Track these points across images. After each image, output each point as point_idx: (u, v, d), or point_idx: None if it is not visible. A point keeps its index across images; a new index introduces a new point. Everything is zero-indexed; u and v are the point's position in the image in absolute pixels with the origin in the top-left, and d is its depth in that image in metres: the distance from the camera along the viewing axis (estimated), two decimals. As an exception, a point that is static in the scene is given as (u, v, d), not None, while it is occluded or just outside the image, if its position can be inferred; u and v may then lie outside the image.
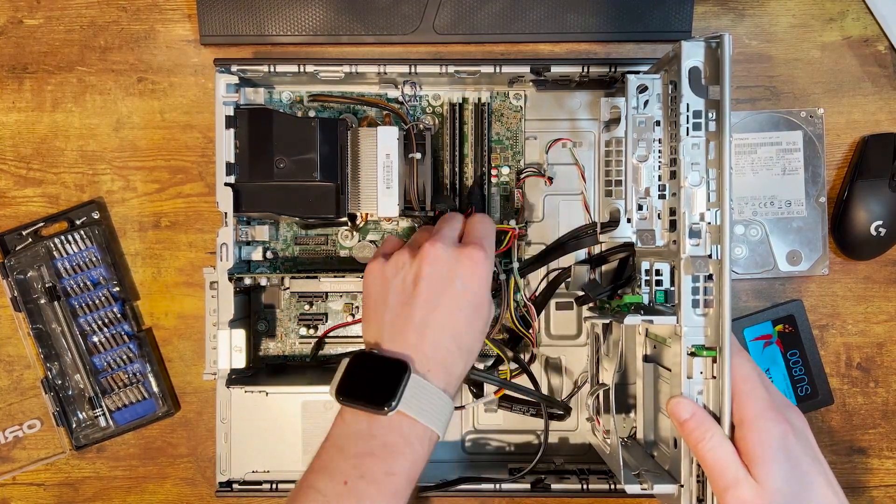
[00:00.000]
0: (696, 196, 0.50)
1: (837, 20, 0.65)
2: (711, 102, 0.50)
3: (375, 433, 0.47)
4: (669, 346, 0.54)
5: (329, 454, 0.48)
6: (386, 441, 0.47)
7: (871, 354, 0.65)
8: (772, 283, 0.65)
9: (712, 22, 0.65)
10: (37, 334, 0.63)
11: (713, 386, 0.49)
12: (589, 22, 0.63)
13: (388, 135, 0.59)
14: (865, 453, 0.66)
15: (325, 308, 0.65)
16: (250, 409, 0.59)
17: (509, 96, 0.64)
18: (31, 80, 0.65)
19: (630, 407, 0.62)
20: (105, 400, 0.64)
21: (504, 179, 0.64)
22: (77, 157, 0.65)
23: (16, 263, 0.63)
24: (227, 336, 0.59)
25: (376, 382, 0.48)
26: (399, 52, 0.65)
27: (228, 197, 0.58)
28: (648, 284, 0.54)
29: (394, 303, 0.50)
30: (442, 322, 0.49)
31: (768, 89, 0.65)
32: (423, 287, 0.49)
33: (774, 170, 0.64)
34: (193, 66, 0.65)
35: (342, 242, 0.65)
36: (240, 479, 0.59)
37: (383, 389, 0.47)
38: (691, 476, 0.50)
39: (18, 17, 0.65)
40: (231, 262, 0.59)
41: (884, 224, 0.63)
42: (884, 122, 0.65)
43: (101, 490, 0.66)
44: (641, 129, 0.54)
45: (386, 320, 0.50)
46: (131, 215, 0.66)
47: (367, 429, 0.47)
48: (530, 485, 0.60)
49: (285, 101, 0.64)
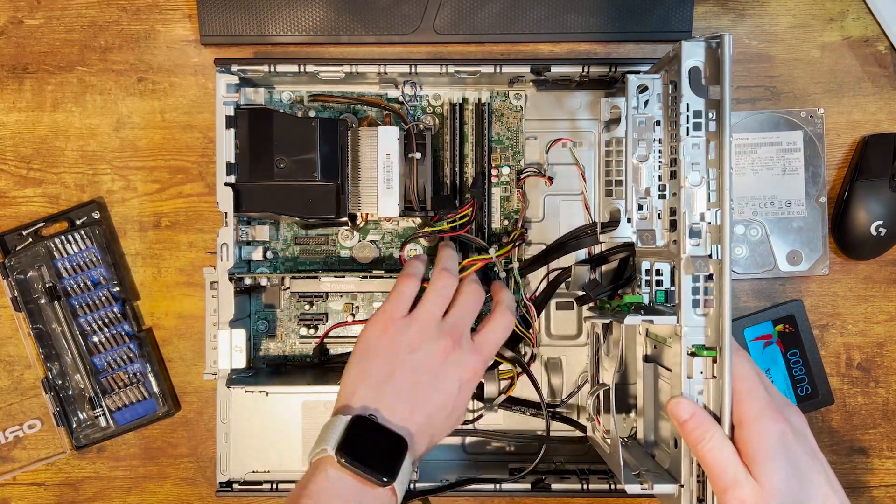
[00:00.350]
0: (696, 196, 0.50)
1: (837, 20, 0.65)
2: (712, 102, 0.50)
3: (361, 500, 0.47)
4: (670, 346, 0.54)
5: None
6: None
7: (871, 354, 0.65)
8: (772, 283, 0.65)
9: (712, 22, 0.65)
10: (37, 334, 0.63)
11: (713, 386, 0.49)
12: (589, 22, 0.63)
13: (388, 135, 0.59)
14: (866, 453, 0.66)
15: (325, 308, 0.65)
16: (250, 409, 0.59)
17: (509, 96, 0.64)
18: (31, 80, 0.65)
19: (630, 407, 0.62)
20: (105, 400, 0.64)
21: (504, 179, 0.64)
22: (77, 157, 0.66)
23: (16, 263, 0.63)
24: (228, 336, 0.59)
25: (378, 453, 0.48)
26: (399, 52, 0.65)
27: (229, 197, 0.58)
28: (648, 284, 0.54)
29: (401, 378, 0.51)
30: (434, 414, 0.51)
31: (768, 89, 0.65)
32: (428, 378, 0.51)
33: (774, 170, 0.64)
34: (194, 66, 0.65)
35: (342, 242, 0.65)
36: (240, 479, 0.59)
37: (385, 462, 0.48)
38: (691, 476, 0.50)
39: (19, 17, 0.65)
40: (231, 262, 0.59)
41: (884, 224, 0.63)
42: (884, 122, 0.65)
43: (102, 490, 0.66)
44: (642, 129, 0.54)
45: (387, 390, 0.51)
46: (131, 215, 0.66)
47: (353, 494, 0.47)
48: (530, 485, 0.60)
49: (285, 101, 0.64)
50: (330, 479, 0.48)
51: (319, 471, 0.48)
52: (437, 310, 0.53)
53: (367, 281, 0.60)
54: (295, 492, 0.49)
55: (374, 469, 0.47)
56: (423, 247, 0.64)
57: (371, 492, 0.47)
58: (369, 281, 0.60)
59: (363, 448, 0.48)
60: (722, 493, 0.46)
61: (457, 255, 0.58)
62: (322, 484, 0.47)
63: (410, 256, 0.59)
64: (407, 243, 0.62)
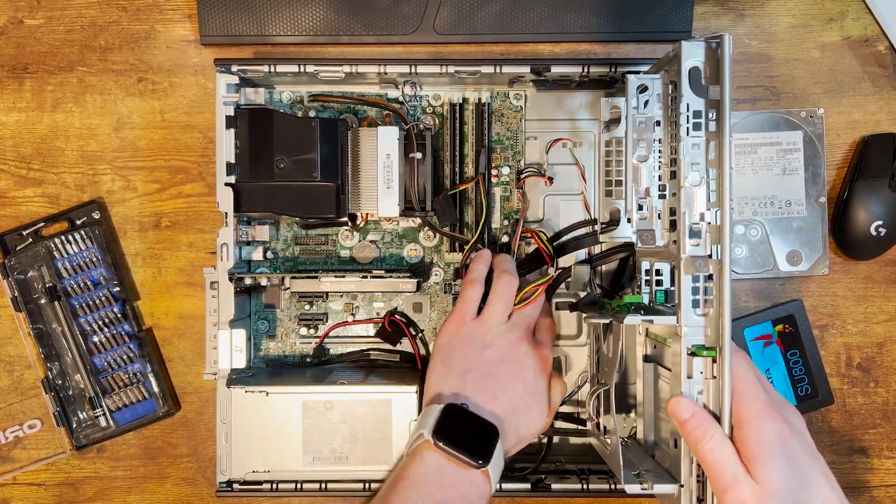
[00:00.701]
0: (696, 196, 0.50)
1: (837, 20, 0.65)
2: (711, 102, 0.50)
3: (457, 483, 0.50)
4: (669, 346, 0.54)
5: (409, 493, 0.50)
6: (465, 493, 0.50)
7: (871, 354, 0.65)
8: (772, 283, 0.65)
9: (712, 22, 0.65)
10: (37, 334, 0.63)
11: (713, 386, 0.49)
12: (589, 22, 0.63)
13: (388, 135, 0.59)
14: (865, 453, 0.66)
15: (325, 308, 0.65)
16: (250, 409, 0.59)
17: (509, 96, 0.64)
18: (31, 80, 0.65)
19: (630, 407, 0.62)
20: (105, 400, 0.64)
21: (504, 179, 0.64)
22: (77, 157, 0.66)
23: (16, 263, 0.63)
24: (228, 336, 0.59)
25: (472, 437, 0.51)
26: (399, 52, 0.65)
27: (229, 197, 0.58)
28: (648, 284, 0.54)
29: (479, 372, 0.55)
30: (517, 403, 0.55)
31: (768, 89, 0.65)
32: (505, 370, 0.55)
33: (774, 170, 0.64)
34: (194, 66, 0.65)
35: (342, 242, 0.65)
36: (240, 479, 0.59)
37: (478, 445, 0.51)
38: (691, 476, 0.50)
39: (19, 17, 0.65)
40: (231, 262, 0.59)
41: (884, 224, 0.63)
42: (884, 122, 0.65)
43: (102, 490, 0.66)
44: (641, 129, 0.54)
45: (470, 380, 0.54)
46: (132, 215, 0.66)
47: (449, 477, 0.50)
48: (530, 485, 0.60)
49: (285, 101, 0.64)
50: (427, 462, 0.51)
51: (417, 456, 0.51)
52: (502, 310, 0.56)
53: (367, 281, 0.60)
54: (393, 476, 0.52)
55: (468, 452, 0.50)
56: (422, 247, 0.64)
57: (466, 474, 0.50)
58: (369, 281, 0.61)
59: (458, 433, 0.51)
60: (721, 492, 0.46)
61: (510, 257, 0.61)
62: (419, 467, 0.51)
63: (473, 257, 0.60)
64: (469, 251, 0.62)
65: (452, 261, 0.64)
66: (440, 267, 0.65)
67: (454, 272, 0.64)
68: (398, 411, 0.58)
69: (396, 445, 0.58)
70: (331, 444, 0.58)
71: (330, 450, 0.58)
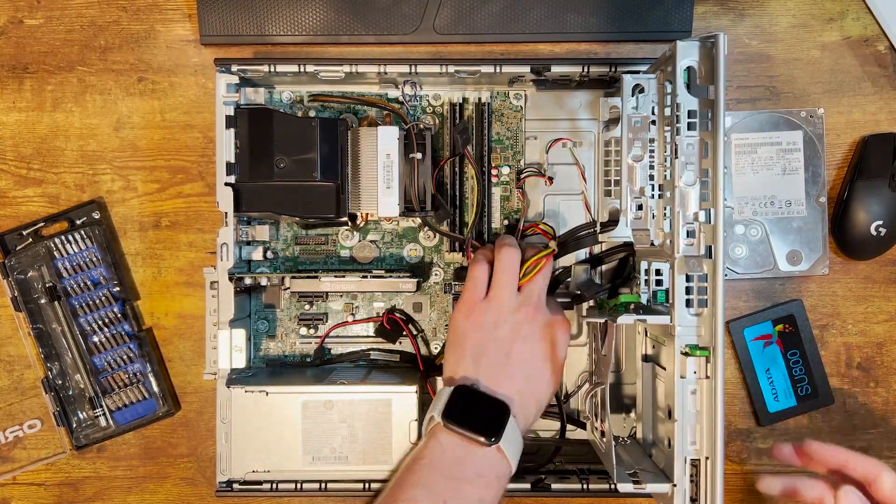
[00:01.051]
0: (690, 195, 0.50)
1: (837, 20, 0.65)
2: (706, 102, 0.50)
3: (470, 462, 0.51)
4: (665, 345, 0.54)
5: (425, 472, 0.51)
6: (480, 471, 0.51)
7: (871, 354, 0.65)
8: (772, 282, 0.65)
9: (712, 22, 0.65)
10: (37, 334, 0.63)
11: (706, 386, 0.49)
12: (589, 22, 0.63)
13: (388, 135, 0.59)
14: (866, 453, 0.66)
15: (325, 308, 0.65)
16: (250, 409, 0.59)
17: (509, 96, 0.64)
18: (31, 80, 0.65)
19: (631, 407, 0.62)
20: (105, 400, 0.64)
21: (504, 179, 0.64)
22: (77, 157, 0.66)
23: (16, 263, 0.63)
24: (228, 336, 0.59)
25: (482, 416, 0.52)
26: (399, 52, 0.65)
27: (228, 197, 0.58)
28: (648, 284, 0.54)
29: (493, 351, 0.55)
30: (534, 376, 0.55)
31: (768, 89, 0.65)
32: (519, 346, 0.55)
33: (774, 170, 0.64)
34: (193, 66, 0.66)
35: (342, 242, 0.65)
36: (240, 479, 0.59)
37: (489, 424, 0.51)
38: (685, 475, 0.50)
39: (19, 17, 0.65)
40: (231, 262, 0.59)
41: (884, 224, 0.63)
42: (884, 122, 0.65)
43: (102, 490, 0.66)
44: (637, 128, 0.54)
45: (483, 363, 0.54)
46: (131, 215, 0.66)
47: (463, 457, 0.51)
48: (530, 485, 0.60)
49: (285, 101, 0.64)
50: (441, 443, 0.52)
51: (432, 437, 0.52)
52: (509, 281, 0.56)
53: (367, 281, 0.61)
54: (410, 458, 0.53)
55: (478, 431, 0.51)
56: (422, 247, 0.64)
57: (479, 452, 0.51)
58: (369, 281, 0.61)
59: (467, 413, 0.52)
60: None
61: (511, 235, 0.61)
62: (434, 449, 0.52)
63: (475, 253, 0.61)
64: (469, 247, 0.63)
65: (452, 260, 0.64)
66: (440, 267, 0.65)
67: (454, 272, 0.64)
68: (398, 411, 0.58)
69: (396, 445, 0.58)
70: (331, 443, 0.58)
71: (330, 450, 0.58)
